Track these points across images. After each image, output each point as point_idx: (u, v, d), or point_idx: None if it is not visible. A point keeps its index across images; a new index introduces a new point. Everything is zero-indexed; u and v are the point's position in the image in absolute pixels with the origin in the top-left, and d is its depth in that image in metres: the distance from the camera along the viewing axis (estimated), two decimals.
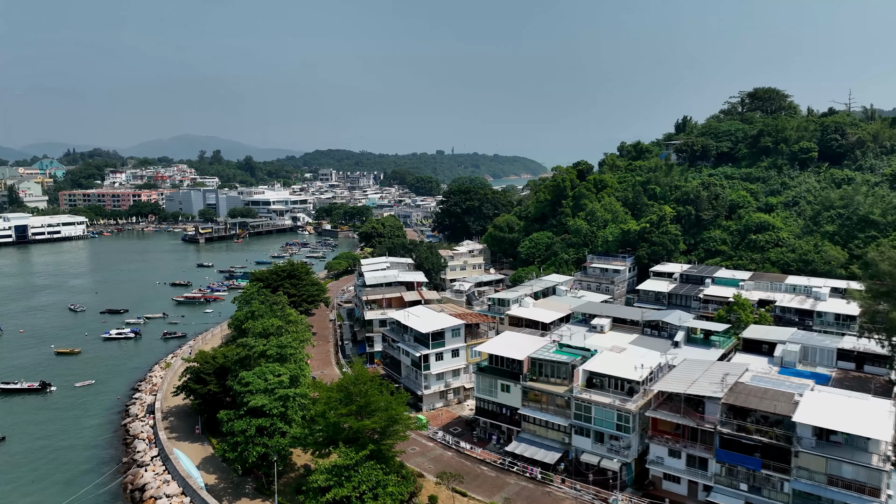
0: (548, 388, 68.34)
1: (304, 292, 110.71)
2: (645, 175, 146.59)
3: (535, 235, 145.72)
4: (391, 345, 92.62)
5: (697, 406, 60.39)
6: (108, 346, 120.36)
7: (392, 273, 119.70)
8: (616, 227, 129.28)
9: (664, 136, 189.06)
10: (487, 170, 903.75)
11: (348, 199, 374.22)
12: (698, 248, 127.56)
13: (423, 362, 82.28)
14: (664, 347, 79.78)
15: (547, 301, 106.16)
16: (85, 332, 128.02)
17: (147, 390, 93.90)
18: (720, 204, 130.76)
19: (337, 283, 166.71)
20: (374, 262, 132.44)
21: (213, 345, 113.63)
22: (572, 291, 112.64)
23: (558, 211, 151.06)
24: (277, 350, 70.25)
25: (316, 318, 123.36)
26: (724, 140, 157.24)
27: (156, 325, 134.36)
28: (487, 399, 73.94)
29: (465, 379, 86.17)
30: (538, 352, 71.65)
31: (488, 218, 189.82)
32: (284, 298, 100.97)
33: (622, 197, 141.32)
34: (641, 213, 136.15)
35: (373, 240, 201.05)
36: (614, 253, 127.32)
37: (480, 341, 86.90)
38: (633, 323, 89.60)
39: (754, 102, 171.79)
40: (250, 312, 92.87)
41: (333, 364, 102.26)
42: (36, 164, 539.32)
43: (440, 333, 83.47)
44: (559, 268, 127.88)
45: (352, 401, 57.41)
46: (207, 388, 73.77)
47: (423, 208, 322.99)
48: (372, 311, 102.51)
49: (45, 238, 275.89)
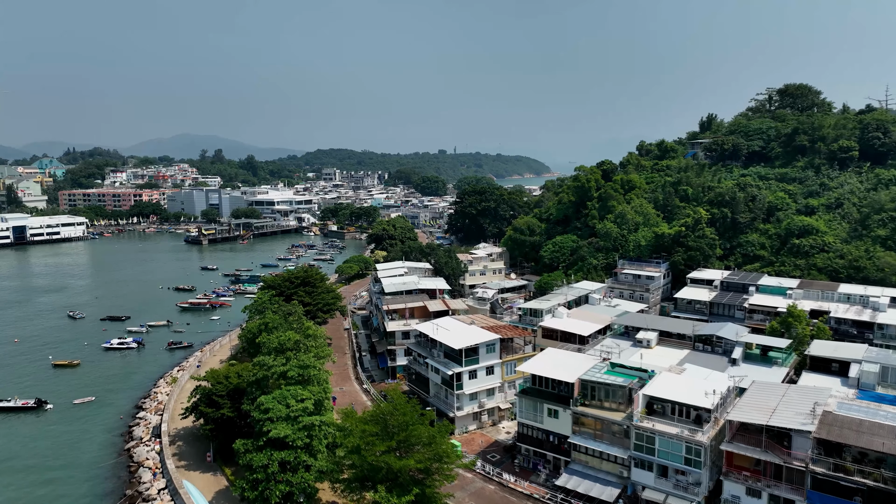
0: (603, 415, 61.02)
1: (319, 301, 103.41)
2: (675, 175, 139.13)
3: (559, 239, 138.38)
4: (417, 360, 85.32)
5: (781, 439, 53.06)
6: (110, 356, 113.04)
7: (411, 280, 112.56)
8: (648, 231, 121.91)
9: (688, 135, 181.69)
10: (490, 169, 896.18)
11: (353, 200, 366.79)
12: (735, 254, 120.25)
13: (455, 381, 74.96)
14: (721, 365, 72.58)
15: (580, 311, 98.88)
16: (85, 341, 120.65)
17: (152, 409, 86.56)
18: (757, 206, 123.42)
19: (349, 287, 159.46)
20: (390, 268, 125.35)
21: (221, 356, 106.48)
22: (606, 300, 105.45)
23: (582, 213, 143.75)
24: (299, 371, 62.90)
25: (329, 325, 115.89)
26: (756, 138, 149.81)
27: (159, 333, 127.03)
28: (532, 425, 66.61)
29: (499, 398, 78.88)
30: (590, 373, 64.32)
31: (504, 220, 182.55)
32: (300, 308, 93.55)
33: (651, 198, 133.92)
34: (673, 215, 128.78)
35: (383, 242, 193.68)
36: (647, 258, 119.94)
37: (516, 357, 79.77)
38: (680, 336, 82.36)
39: (784, 99, 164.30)
40: (264, 324, 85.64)
41: (352, 379, 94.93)
42: (35, 164, 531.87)
43: (474, 349, 76.18)
44: (588, 274, 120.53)
45: (390, 435, 50.12)
46: (220, 412, 66.48)
47: (431, 209, 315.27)
48: (394, 322, 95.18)
49: (44, 239, 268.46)
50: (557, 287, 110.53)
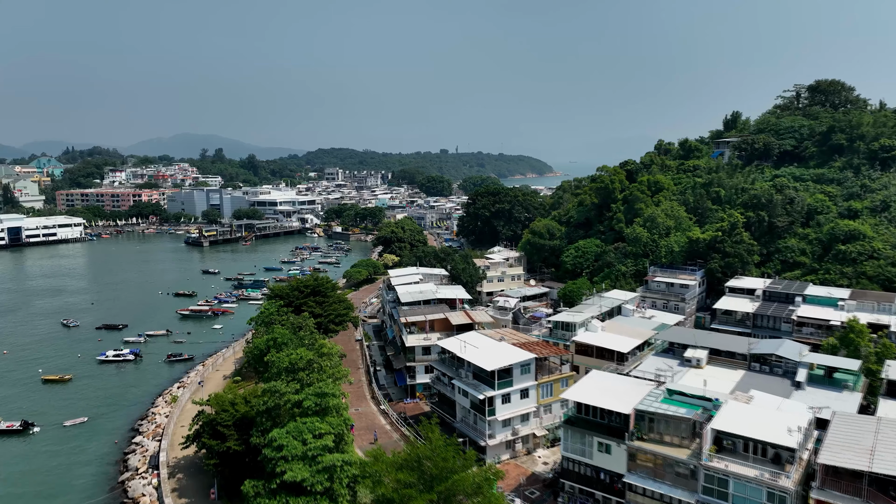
0: (664, 452, 53.21)
1: (330, 312, 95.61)
2: (705, 176, 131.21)
3: (582, 243, 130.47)
4: (441, 379, 77.54)
5: (886, 486, 45.35)
6: (105, 370, 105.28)
7: (428, 288, 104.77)
8: (681, 236, 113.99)
9: (711, 134, 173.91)
10: (493, 169, 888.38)
11: (357, 200, 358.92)
12: (773, 260, 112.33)
13: (486, 406, 67.18)
14: (784, 389, 64.86)
15: (615, 323, 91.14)
16: (78, 352, 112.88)
17: (150, 433, 78.75)
18: (795, 209, 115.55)
19: (357, 293, 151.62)
20: (403, 274, 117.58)
21: (224, 371, 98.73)
22: (639, 310, 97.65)
23: (606, 216, 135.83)
24: (316, 401, 55.13)
25: (340, 336, 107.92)
26: (787, 137, 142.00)
27: (158, 343, 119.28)
28: (578, 460, 58.80)
29: (534, 424, 71.11)
30: (646, 402, 56.52)
31: (519, 222, 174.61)
32: (311, 321, 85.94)
33: (680, 201, 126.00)
34: (705, 219, 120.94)
35: (392, 245, 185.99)
36: (680, 265, 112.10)
37: (553, 378, 72.05)
38: (730, 354, 74.53)
39: (815, 96, 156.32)
40: (272, 340, 78.04)
41: (368, 398, 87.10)
42: (33, 163, 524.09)
43: (507, 370, 68.39)
44: (616, 281, 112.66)
45: (429, 485, 42.39)
46: (226, 444, 58.69)
47: (437, 209, 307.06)
48: (413, 336, 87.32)
49: (40, 241, 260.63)
50: (586, 297, 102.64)
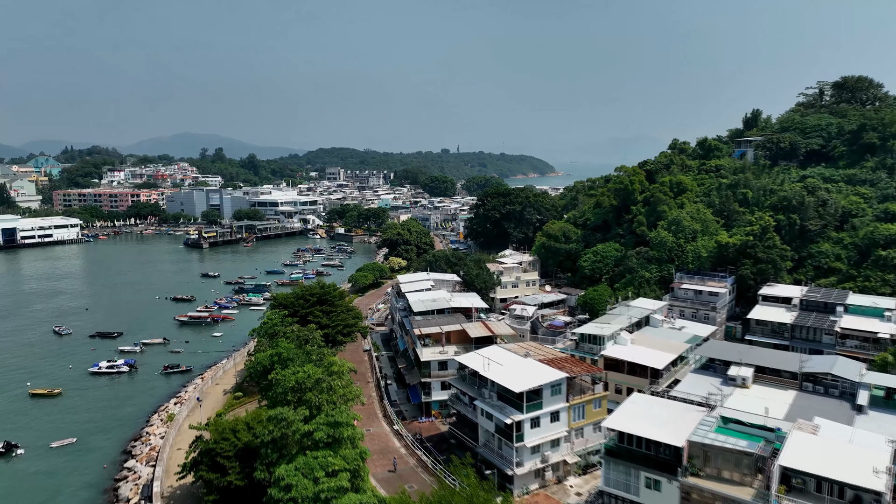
0: (726, 492, 46.85)
1: (338, 322, 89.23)
2: (731, 177, 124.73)
3: (601, 247, 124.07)
4: (460, 398, 71.20)
5: None
6: (97, 383, 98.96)
7: (442, 296, 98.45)
8: (709, 240, 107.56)
9: (729, 133, 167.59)
10: (494, 168, 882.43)
11: (360, 200, 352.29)
12: (805, 266, 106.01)
13: (514, 431, 60.85)
14: (844, 414, 58.42)
15: (644, 335, 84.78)
16: (69, 363, 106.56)
17: (143, 457, 72.34)
18: (828, 211, 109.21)
19: (363, 299, 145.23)
20: (414, 280, 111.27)
21: (225, 385, 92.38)
22: (668, 320, 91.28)
23: (625, 218, 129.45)
24: (329, 431, 48.80)
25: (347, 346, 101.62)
26: (814, 136, 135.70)
27: (155, 353, 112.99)
28: (622, 496, 52.45)
29: (565, 450, 64.75)
30: (699, 432, 50.22)
31: (530, 224, 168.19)
32: (318, 333, 79.62)
33: (705, 203, 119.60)
34: (732, 222, 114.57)
35: (398, 247, 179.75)
36: (708, 271, 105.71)
37: (585, 399, 65.71)
38: (775, 372, 68.19)
39: (842, 93, 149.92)
40: (276, 355, 71.73)
41: (380, 416, 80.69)
42: (31, 162, 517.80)
43: (537, 392, 62.07)
44: (639, 288, 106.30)
45: None
46: (227, 479, 52.34)
47: (442, 210, 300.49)
48: (428, 350, 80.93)
49: (35, 242, 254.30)
50: (610, 305, 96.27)
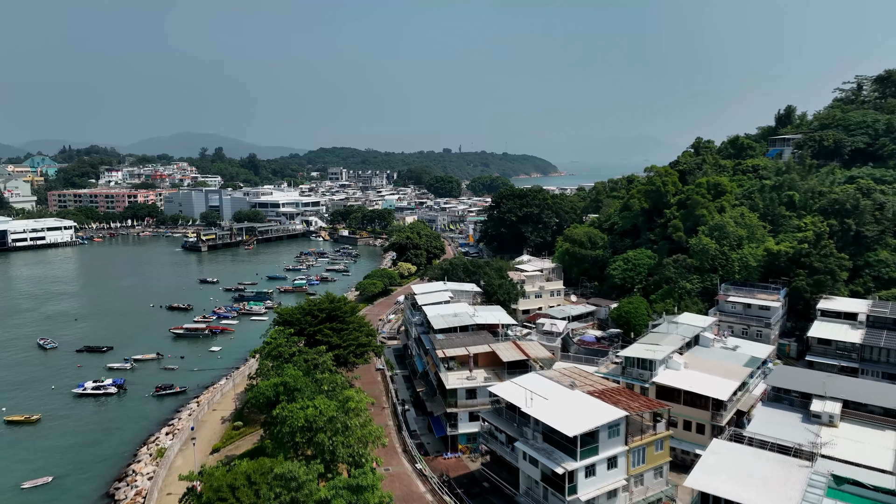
0: None
1: (350, 342, 79.33)
2: (773, 178, 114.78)
3: (632, 254, 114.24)
4: (496, 436, 61.35)
5: None
6: (81, 407, 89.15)
7: (463, 310, 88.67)
8: (757, 247, 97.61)
9: (760, 130, 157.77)
10: (497, 168, 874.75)
11: (363, 201, 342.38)
12: (863, 276, 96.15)
13: (566, 482, 51.00)
14: None
15: (695, 357, 74.87)
16: (52, 383, 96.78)
17: (127, 502, 62.50)
18: (886, 216, 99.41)
19: (372, 308, 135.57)
20: (430, 291, 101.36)
21: (223, 412, 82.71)
22: (718, 339, 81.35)
23: (657, 222, 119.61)
24: (351, 498, 39.00)
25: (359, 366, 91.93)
26: (858, 133, 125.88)
27: (147, 370, 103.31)
28: None
29: (623, 501, 54.90)
30: (810, 497, 40.40)
31: (548, 228, 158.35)
32: (328, 357, 69.85)
33: (748, 206, 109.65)
34: (778, 227, 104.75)
35: (407, 252, 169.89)
36: (756, 282, 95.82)
37: (646, 441, 55.80)
38: (858, 405, 58.30)
39: (887, 88, 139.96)
40: (282, 385, 61.97)
41: (399, 451, 70.83)
42: (27, 161, 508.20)
43: (592, 434, 52.23)
44: (680, 301, 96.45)
45: None
46: None
47: (449, 212, 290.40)
48: (454, 376, 71.06)
49: (27, 245, 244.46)
50: (652, 321, 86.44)
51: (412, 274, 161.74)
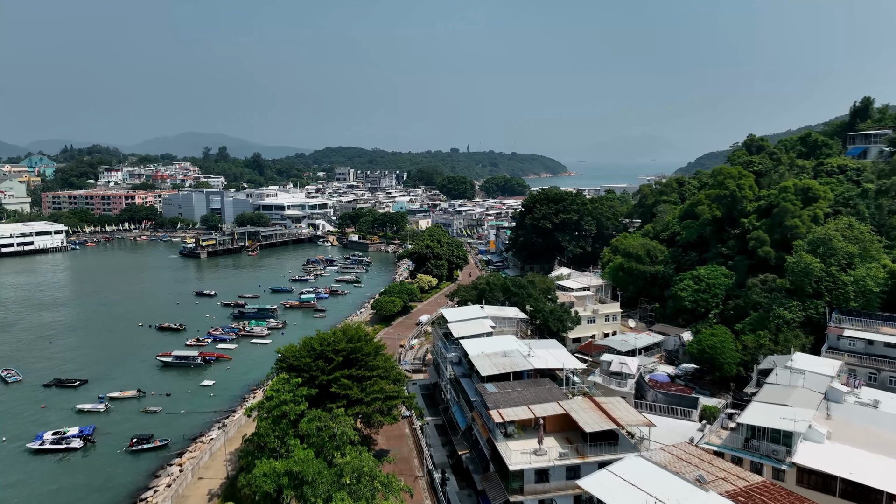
0: None
1: (374, 395, 61.10)
2: (876, 181, 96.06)
3: (702, 272, 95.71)
4: None
5: None
6: (35, 467, 71.38)
7: (513, 346, 70.42)
8: (875, 267, 78.86)
9: (831, 126, 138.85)
10: (506, 168, 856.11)
11: (373, 203, 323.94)
12: None
13: None
14: None
15: (834, 423, 56.37)
16: (4, 434, 79.05)
17: None
18: None
19: (390, 330, 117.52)
20: (465, 318, 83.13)
21: (210, 481, 64.70)
22: (851, 391, 62.74)
23: (729, 233, 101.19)
24: None
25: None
26: None
27: (124, 411, 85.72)
28: None
29: None
30: None
31: (588, 237, 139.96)
32: (349, 426, 51.75)
33: (851, 215, 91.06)
34: (892, 241, 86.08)
35: (427, 262, 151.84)
36: (874, 311, 77.08)
37: None
38: None
39: None
40: (289, 474, 43.98)
41: None
42: (25, 161, 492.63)
43: None
44: (776, 332, 77.76)
45: None
46: None
47: (465, 215, 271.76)
48: (517, 449, 52.72)
49: (14, 251, 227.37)
50: (760, 363, 67.93)
51: (433, 287, 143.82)
